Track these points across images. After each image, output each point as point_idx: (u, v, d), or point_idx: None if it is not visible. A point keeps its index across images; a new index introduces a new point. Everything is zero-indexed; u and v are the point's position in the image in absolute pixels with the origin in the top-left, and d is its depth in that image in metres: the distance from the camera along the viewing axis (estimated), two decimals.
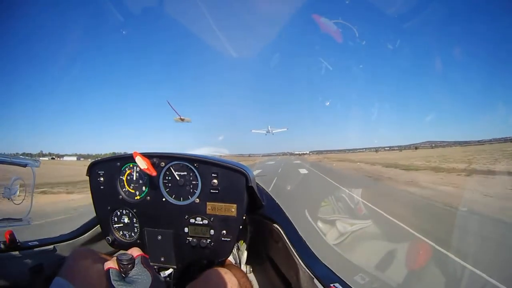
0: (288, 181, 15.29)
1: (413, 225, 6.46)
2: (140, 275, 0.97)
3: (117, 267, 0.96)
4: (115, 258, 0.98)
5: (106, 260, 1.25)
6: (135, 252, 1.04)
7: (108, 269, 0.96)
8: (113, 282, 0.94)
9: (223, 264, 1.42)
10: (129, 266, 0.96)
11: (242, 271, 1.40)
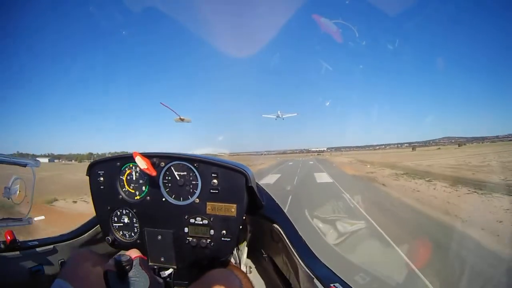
0: None
1: None
2: (138, 277, 0.98)
3: (115, 269, 0.97)
4: (114, 259, 0.99)
5: (106, 262, 1.25)
6: (133, 253, 1.04)
7: (106, 271, 0.97)
8: (111, 284, 0.95)
9: (223, 264, 1.42)
10: (127, 267, 0.97)
11: (243, 271, 1.40)
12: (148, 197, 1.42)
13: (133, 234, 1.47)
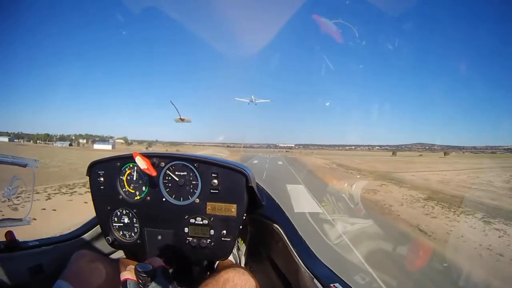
0: None
1: None
2: None
3: (135, 278, 0.91)
4: (133, 268, 0.93)
5: (109, 263, 1.24)
6: (156, 262, 0.98)
7: (125, 280, 0.91)
8: None
9: (224, 264, 1.42)
10: (149, 278, 0.91)
11: (251, 272, 1.39)
12: (148, 197, 1.42)
13: (133, 234, 1.47)
